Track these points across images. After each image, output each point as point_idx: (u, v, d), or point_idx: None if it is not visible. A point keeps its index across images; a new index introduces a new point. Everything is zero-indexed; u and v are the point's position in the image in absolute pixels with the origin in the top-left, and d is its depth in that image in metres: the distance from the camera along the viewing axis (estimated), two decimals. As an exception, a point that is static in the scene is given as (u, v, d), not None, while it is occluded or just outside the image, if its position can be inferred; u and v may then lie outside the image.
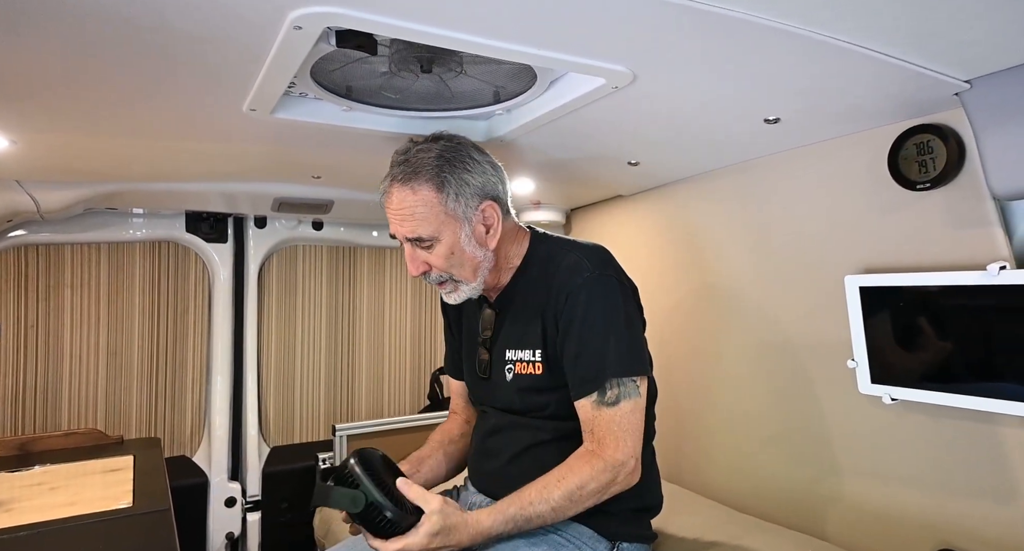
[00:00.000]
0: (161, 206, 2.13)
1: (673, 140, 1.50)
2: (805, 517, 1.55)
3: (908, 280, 1.23)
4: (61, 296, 2.14)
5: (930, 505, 1.31)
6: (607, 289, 1.14)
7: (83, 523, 1.00)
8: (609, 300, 1.13)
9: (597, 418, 1.10)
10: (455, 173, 1.14)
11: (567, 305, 1.13)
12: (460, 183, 1.14)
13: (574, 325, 1.12)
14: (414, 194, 1.12)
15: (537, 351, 1.19)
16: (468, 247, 1.16)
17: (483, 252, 1.19)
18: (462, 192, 1.14)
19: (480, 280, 1.21)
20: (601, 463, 1.07)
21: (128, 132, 1.41)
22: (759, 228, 1.65)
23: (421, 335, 2.78)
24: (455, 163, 1.14)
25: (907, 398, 1.27)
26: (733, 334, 1.75)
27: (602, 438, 1.09)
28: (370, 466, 1.06)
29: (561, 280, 1.15)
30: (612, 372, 1.10)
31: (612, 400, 1.09)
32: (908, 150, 1.22)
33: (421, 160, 1.13)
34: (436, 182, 1.12)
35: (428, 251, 1.15)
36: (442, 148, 1.15)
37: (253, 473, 2.33)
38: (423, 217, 1.12)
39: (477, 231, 1.17)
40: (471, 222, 1.16)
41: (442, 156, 1.14)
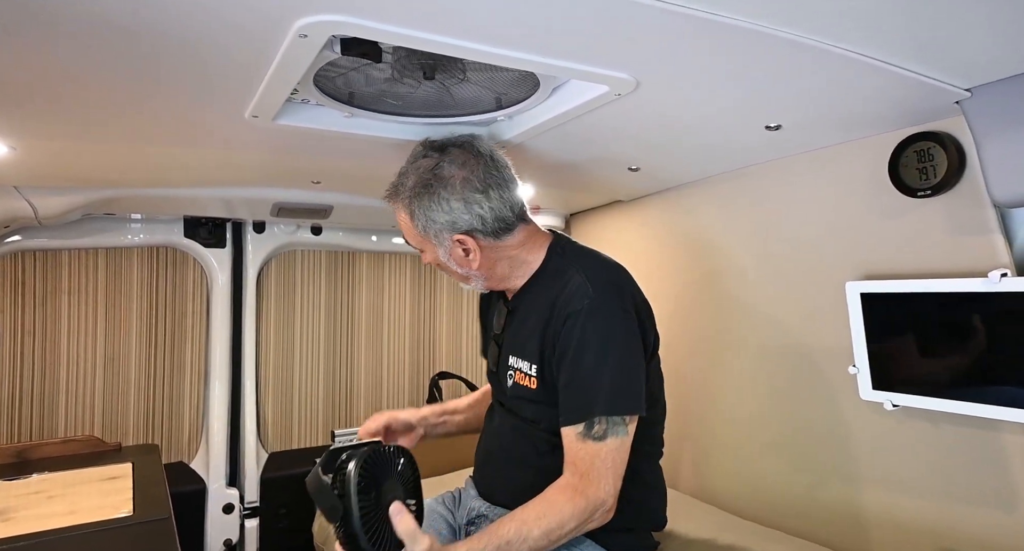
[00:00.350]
0: (159, 211, 2.13)
1: (674, 146, 1.50)
2: (805, 523, 1.55)
3: (909, 287, 1.23)
4: (58, 302, 2.13)
5: (931, 511, 1.31)
6: (606, 318, 1.11)
7: (84, 532, 0.99)
8: (606, 331, 1.10)
9: (581, 451, 1.07)
10: (422, 208, 1.17)
11: (564, 328, 1.11)
12: (427, 219, 1.17)
13: (569, 352, 1.10)
14: (396, 213, 1.23)
15: (534, 366, 1.19)
16: (451, 264, 1.22)
17: (464, 271, 1.22)
18: (429, 227, 1.18)
19: (477, 284, 1.25)
20: (583, 502, 1.04)
21: (128, 139, 1.40)
22: (759, 233, 1.65)
23: (420, 340, 2.78)
24: (423, 198, 1.17)
25: (908, 405, 1.27)
26: (733, 340, 1.75)
27: (585, 473, 1.06)
28: (374, 476, 0.97)
29: (563, 302, 1.14)
30: (600, 409, 1.07)
31: (599, 435, 1.06)
32: (908, 157, 1.22)
33: (403, 184, 1.20)
34: (408, 211, 1.20)
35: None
36: (426, 175, 1.17)
37: (251, 479, 2.32)
38: (406, 231, 1.23)
39: (455, 254, 1.20)
40: (446, 248, 1.20)
41: (417, 186, 1.18)
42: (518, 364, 1.21)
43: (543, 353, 1.16)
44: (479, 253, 1.19)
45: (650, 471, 1.28)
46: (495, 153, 1.21)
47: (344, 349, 2.62)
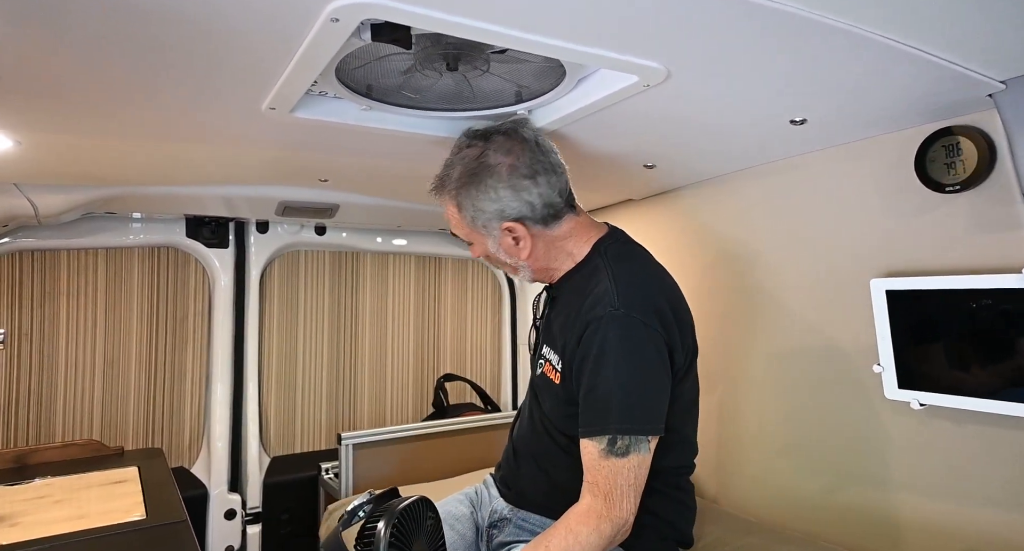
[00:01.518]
0: (161, 210, 2.08)
1: (694, 142, 1.48)
2: (827, 526, 1.52)
3: (937, 283, 1.22)
4: (56, 303, 2.08)
5: (957, 514, 1.29)
6: (626, 330, 1.05)
7: (98, 537, 0.95)
8: (627, 343, 1.05)
9: (604, 468, 1.02)
10: (469, 199, 1.15)
11: (586, 333, 1.08)
12: (475, 210, 1.15)
13: (589, 359, 1.06)
14: (442, 206, 1.20)
15: (560, 361, 1.16)
16: (501, 255, 1.20)
17: (514, 260, 1.20)
18: (478, 217, 1.16)
19: (525, 275, 1.23)
20: (608, 528, 1.00)
21: (136, 134, 1.36)
22: (777, 232, 1.63)
23: (424, 342, 2.74)
24: (471, 188, 1.15)
25: (936, 403, 1.25)
26: (751, 341, 1.73)
27: (608, 494, 1.01)
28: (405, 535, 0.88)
29: (589, 305, 1.11)
30: (620, 426, 1.02)
31: (622, 451, 1.01)
32: (936, 152, 1.21)
33: (448, 176, 1.18)
34: (455, 203, 1.18)
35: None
36: (472, 165, 1.15)
37: (253, 484, 2.27)
38: (455, 224, 1.20)
39: (504, 243, 1.18)
40: (495, 237, 1.18)
41: (464, 176, 1.16)
42: (549, 355, 1.19)
43: (565, 350, 1.14)
44: (529, 241, 1.17)
45: (682, 488, 1.23)
46: (540, 138, 1.18)
47: (348, 351, 2.58)
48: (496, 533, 1.24)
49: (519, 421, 1.32)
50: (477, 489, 1.38)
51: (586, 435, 1.04)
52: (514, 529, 1.22)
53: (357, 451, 2.12)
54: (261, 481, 2.29)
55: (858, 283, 1.38)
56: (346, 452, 2.09)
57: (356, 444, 2.12)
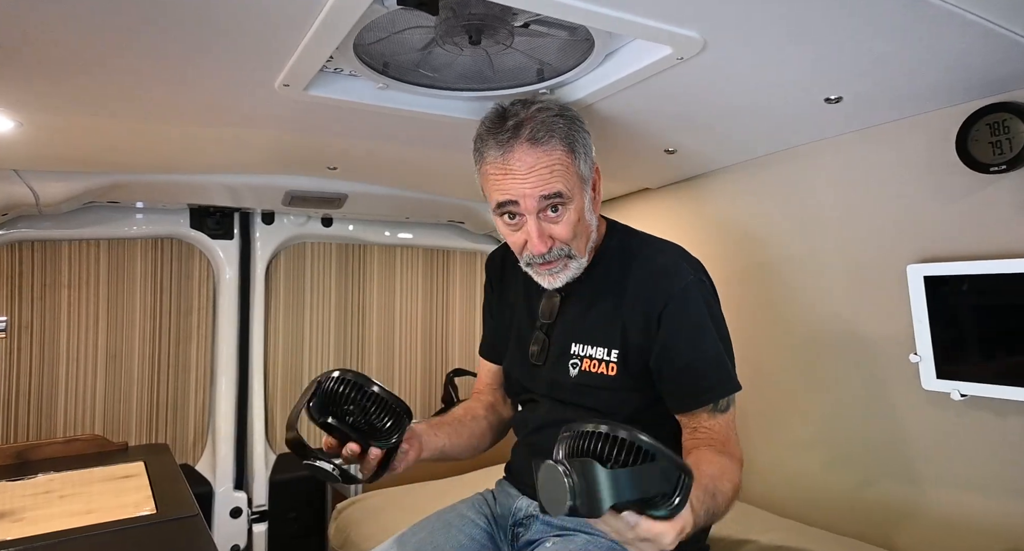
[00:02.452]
0: (165, 199, 2.03)
1: (720, 124, 1.43)
2: (857, 523, 1.47)
3: (980, 268, 1.17)
4: (57, 295, 2.02)
5: (999, 508, 1.24)
6: (709, 296, 1.09)
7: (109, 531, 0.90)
8: (712, 309, 1.08)
9: (716, 425, 1.04)
10: (580, 134, 1.06)
11: (667, 310, 1.04)
12: (585, 145, 1.07)
13: (681, 334, 1.04)
14: (548, 155, 1.02)
15: (613, 351, 1.09)
16: (588, 214, 1.09)
17: (594, 220, 1.13)
18: (588, 153, 1.07)
19: (587, 256, 1.12)
20: (738, 465, 1.01)
21: (142, 115, 1.31)
22: (806, 219, 1.58)
23: (433, 336, 2.69)
24: (576, 122, 1.06)
25: (978, 394, 1.20)
26: (777, 332, 1.67)
27: (726, 440, 1.03)
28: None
29: (656, 282, 1.07)
30: (725, 390, 1.05)
31: (724, 407, 1.05)
32: (980, 131, 1.16)
33: (546, 120, 1.03)
34: (567, 143, 1.03)
35: (555, 222, 1.05)
36: (557, 107, 1.06)
37: (259, 482, 2.21)
38: (561, 174, 1.02)
39: (592, 196, 1.11)
40: (589, 185, 1.09)
41: (563, 115, 1.05)
42: (586, 351, 1.12)
43: (626, 335, 1.08)
44: (600, 190, 1.13)
45: None
46: None
47: (355, 345, 2.53)
48: (522, 531, 1.18)
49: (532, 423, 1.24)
50: (486, 494, 1.33)
51: (691, 408, 1.05)
52: (541, 525, 1.16)
53: (367, 447, 2.06)
54: (267, 479, 2.23)
55: (893, 269, 1.33)
56: (355, 448, 2.03)
57: (366, 440, 2.06)
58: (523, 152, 1.01)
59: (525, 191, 1.01)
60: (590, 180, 1.09)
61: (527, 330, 1.24)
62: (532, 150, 1.01)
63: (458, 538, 1.19)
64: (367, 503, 1.87)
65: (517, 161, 1.02)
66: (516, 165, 1.02)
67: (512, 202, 1.03)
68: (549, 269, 1.09)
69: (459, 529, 1.21)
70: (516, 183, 1.02)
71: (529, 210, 1.03)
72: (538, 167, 1.01)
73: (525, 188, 1.01)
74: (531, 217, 1.03)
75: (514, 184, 1.02)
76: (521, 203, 1.03)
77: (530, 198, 1.02)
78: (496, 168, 1.04)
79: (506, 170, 1.03)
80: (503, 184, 1.03)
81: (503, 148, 1.03)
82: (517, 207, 1.03)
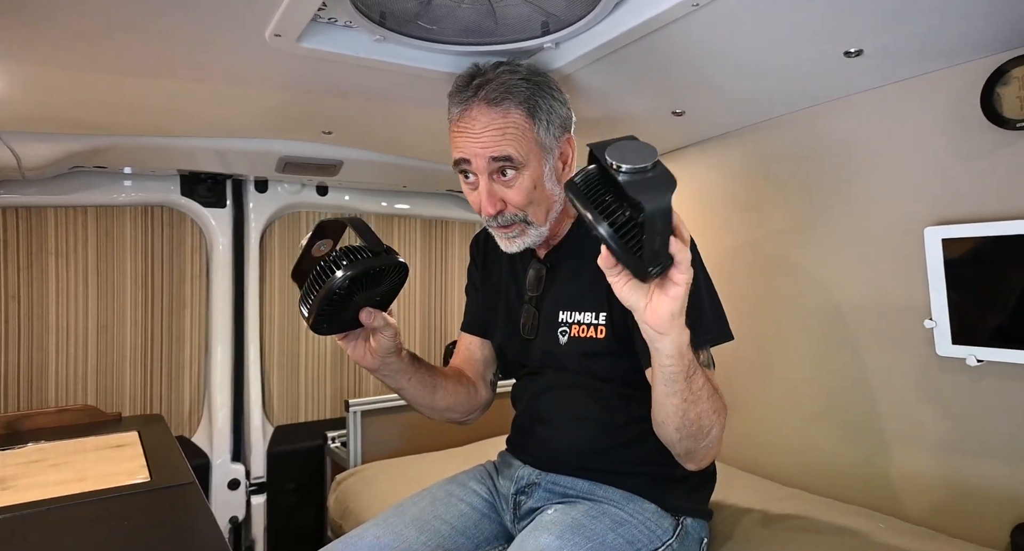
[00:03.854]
0: (154, 165, 1.96)
1: (732, 82, 1.37)
2: (867, 493, 1.45)
3: (1002, 229, 1.12)
4: (45, 264, 1.97)
5: (1012, 476, 1.22)
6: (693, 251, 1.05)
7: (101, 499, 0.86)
8: (697, 265, 1.03)
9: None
10: (545, 100, 1.05)
11: None
12: (550, 111, 1.05)
13: None
14: (504, 117, 1.02)
15: (600, 314, 1.07)
16: (548, 183, 1.07)
17: (558, 191, 1.09)
18: (552, 121, 1.06)
19: (548, 225, 1.11)
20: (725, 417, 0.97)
21: (127, 68, 1.24)
22: (820, 183, 1.53)
23: (432, 308, 2.65)
24: (544, 88, 1.06)
25: (996, 359, 1.17)
26: (786, 300, 1.64)
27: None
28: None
29: None
30: (710, 338, 1.02)
31: (705, 363, 1.01)
32: (1007, 84, 1.11)
33: (508, 82, 1.03)
34: (527, 107, 1.03)
35: (508, 185, 1.05)
36: (527, 72, 1.05)
37: (257, 454, 2.19)
38: (514, 138, 1.02)
39: (556, 167, 1.08)
40: (554, 155, 1.07)
41: (530, 80, 1.05)
42: (575, 318, 1.10)
43: (612, 298, 1.04)
44: (573, 163, 1.09)
45: None
46: None
47: (352, 317, 2.49)
48: (524, 499, 1.17)
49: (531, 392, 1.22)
50: (487, 465, 1.31)
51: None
52: (544, 493, 1.15)
53: (365, 418, 2.04)
54: (265, 451, 2.21)
55: (910, 233, 1.29)
56: (354, 419, 2.01)
57: (364, 411, 2.04)
58: (479, 111, 1.03)
59: (476, 150, 1.03)
60: (554, 150, 1.08)
61: (516, 306, 1.22)
62: (487, 110, 1.03)
63: (459, 507, 1.18)
64: (366, 474, 1.85)
65: (472, 120, 1.03)
66: (471, 124, 1.03)
67: (465, 160, 1.05)
68: (506, 233, 1.10)
69: (460, 498, 1.20)
70: (469, 142, 1.03)
71: (480, 170, 1.04)
72: (491, 128, 1.02)
73: (476, 148, 1.02)
74: (482, 177, 1.05)
75: (467, 142, 1.04)
76: (473, 162, 1.04)
77: (480, 158, 1.03)
78: (456, 125, 1.07)
79: (462, 128, 1.05)
80: (459, 142, 1.05)
81: (462, 106, 1.05)
82: (470, 166, 1.05)
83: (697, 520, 1.14)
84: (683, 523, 1.11)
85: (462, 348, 1.37)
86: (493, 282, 1.29)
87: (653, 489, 1.10)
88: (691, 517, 1.13)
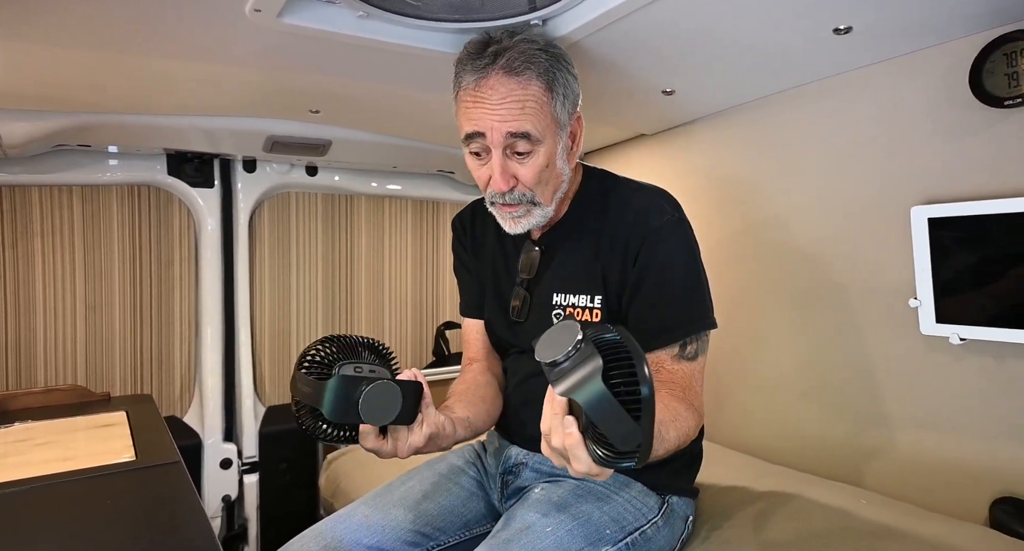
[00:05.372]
0: (140, 144, 1.93)
1: (723, 60, 1.36)
2: (852, 470, 1.47)
3: (987, 208, 1.13)
4: (30, 243, 1.95)
5: (990, 452, 1.24)
6: (688, 236, 1.05)
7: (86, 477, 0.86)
8: (690, 248, 1.04)
9: (678, 371, 1.00)
10: (562, 73, 1.00)
11: (644, 248, 1.01)
12: (566, 86, 1.01)
13: (651, 271, 1.01)
14: (524, 88, 0.97)
15: (596, 297, 1.06)
16: (559, 161, 1.04)
17: (567, 169, 1.07)
18: (568, 96, 1.01)
19: (553, 206, 1.08)
20: (696, 416, 0.96)
21: (107, 43, 1.22)
22: (808, 163, 1.53)
23: (423, 288, 2.65)
24: (561, 61, 1.01)
25: (978, 337, 1.18)
26: (773, 280, 1.64)
27: (687, 388, 0.99)
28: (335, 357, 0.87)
29: (632, 221, 1.03)
30: (697, 326, 1.01)
31: (691, 355, 1.00)
32: (995, 62, 1.10)
33: (528, 51, 0.98)
34: (547, 80, 0.99)
35: (521, 162, 1.00)
36: (544, 42, 1.00)
37: (249, 434, 2.20)
38: (533, 112, 0.97)
39: (567, 144, 1.05)
40: (566, 132, 1.04)
41: (548, 51, 1.00)
42: (570, 300, 1.09)
43: (606, 279, 1.05)
44: (581, 142, 1.08)
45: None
46: None
47: (343, 298, 2.48)
48: (512, 479, 1.18)
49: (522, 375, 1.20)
50: (476, 446, 1.32)
51: (657, 347, 1.00)
52: (531, 473, 1.16)
53: (357, 399, 2.04)
54: (257, 431, 2.22)
55: (897, 212, 1.29)
56: (345, 399, 2.02)
57: (355, 391, 2.04)
58: (497, 80, 0.97)
59: (493, 123, 0.97)
60: (567, 127, 1.04)
61: (506, 287, 1.20)
62: (507, 80, 0.97)
63: (447, 486, 1.18)
64: (358, 454, 1.86)
65: (490, 89, 0.97)
66: (488, 94, 0.97)
67: (479, 134, 0.99)
68: (511, 212, 1.05)
69: (448, 478, 1.21)
70: (486, 113, 0.97)
71: (495, 144, 0.99)
72: (510, 99, 0.96)
73: (493, 120, 0.97)
74: (496, 151, 0.99)
75: (483, 114, 0.97)
76: (488, 136, 0.98)
77: (497, 131, 0.97)
78: (469, 95, 1.00)
79: (477, 98, 0.98)
80: (473, 113, 0.99)
81: (478, 74, 0.98)
82: (484, 140, 0.99)
83: (683, 498, 1.16)
84: (669, 501, 1.12)
85: (472, 335, 1.31)
86: (483, 260, 1.27)
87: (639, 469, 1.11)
88: (677, 495, 1.14)
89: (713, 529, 1.18)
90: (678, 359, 1.00)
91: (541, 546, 0.94)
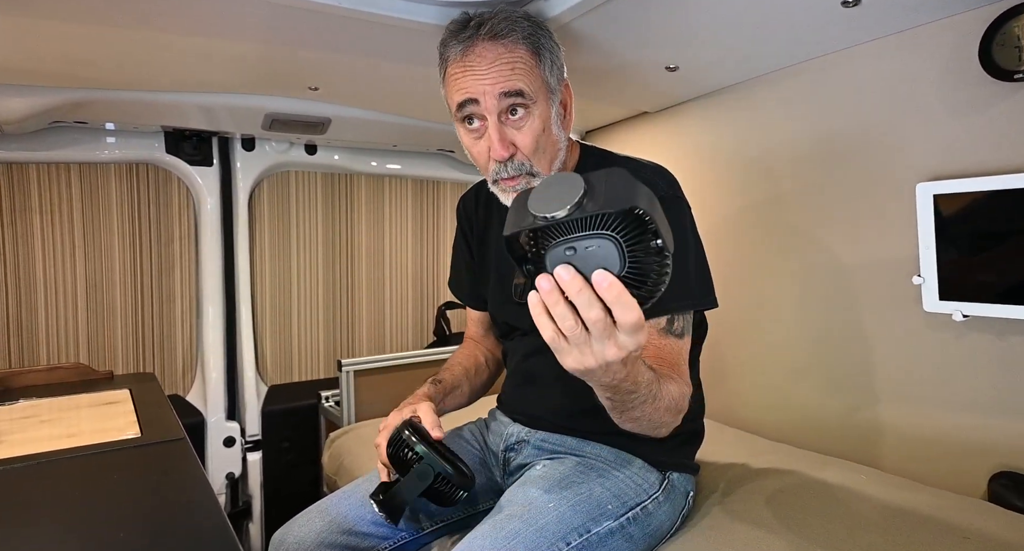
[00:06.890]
0: (137, 120, 1.91)
1: (728, 35, 1.33)
2: (851, 445, 1.48)
3: (993, 184, 1.12)
4: (29, 221, 1.94)
5: (989, 427, 1.24)
6: (682, 212, 1.03)
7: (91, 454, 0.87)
8: (686, 221, 1.02)
9: (666, 347, 0.97)
10: (547, 40, 1.00)
11: None
12: (553, 52, 1.01)
13: None
14: (511, 52, 0.97)
15: None
16: (554, 127, 1.03)
17: (563, 138, 1.06)
18: (555, 62, 1.01)
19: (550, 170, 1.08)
20: (686, 388, 0.94)
21: (101, 17, 1.20)
22: (813, 139, 1.51)
23: (424, 268, 2.64)
24: (543, 28, 1.01)
25: (981, 314, 1.18)
26: (775, 258, 1.64)
27: (675, 364, 0.96)
28: (421, 433, 0.99)
29: None
30: (686, 303, 0.99)
31: (679, 332, 0.98)
32: (1006, 34, 1.08)
33: (511, 16, 0.98)
34: (533, 43, 0.99)
35: (518, 126, 0.99)
36: (523, 12, 1.01)
37: (252, 412, 2.21)
38: (524, 72, 0.97)
39: (559, 112, 1.04)
40: (557, 98, 1.03)
41: (529, 19, 1.00)
42: None
43: None
44: (573, 110, 1.07)
45: (699, 384, 1.19)
46: None
47: (344, 277, 2.48)
48: (514, 456, 1.18)
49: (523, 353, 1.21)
50: (478, 423, 1.33)
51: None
52: (532, 450, 1.16)
53: (358, 378, 2.05)
54: (259, 409, 2.23)
55: (902, 189, 1.28)
56: (347, 379, 2.03)
57: (357, 371, 2.05)
58: (483, 47, 0.97)
59: (485, 87, 0.96)
60: (558, 92, 1.04)
61: (508, 268, 1.20)
62: (493, 45, 0.96)
63: None
64: (360, 432, 1.87)
65: (477, 57, 0.97)
66: (476, 61, 0.97)
67: (472, 101, 0.98)
68: (512, 185, 1.04)
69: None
70: (476, 79, 0.96)
71: (489, 110, 0.97)
72: (498, 62, 0.96)
73: (485, 84, 0.96)
74: (492, 117, 0.98)
75: (474, 81, 0.97)
76: (481, 102, 0.97)
77: (490, 95, 0.96)
78: (457, 67, 0.99)
79: (465, 66, 0.98)
80: (463, 82, 0.98)
81: (463, 45, 0.98)
82: (477, 107, 0.98)
83: (683, 474, 1.16)
84: (669, 477, 1.12)
85: (471, 320, 1.41)
86: (487, 243, 1.26)
87: (639, 447, 1.10)
88: (677, 472, 1.14)
89: (714, 505, 1.19)
90: (666, 334, 0.97)
91: (543, 522, 0.94)
